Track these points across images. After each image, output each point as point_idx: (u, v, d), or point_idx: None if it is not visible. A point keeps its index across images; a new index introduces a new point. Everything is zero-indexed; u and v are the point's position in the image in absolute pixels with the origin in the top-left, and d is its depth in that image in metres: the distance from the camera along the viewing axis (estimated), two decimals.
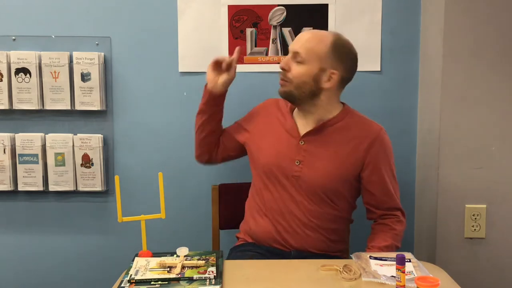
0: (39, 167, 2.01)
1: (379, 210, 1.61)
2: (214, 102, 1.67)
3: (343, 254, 1.64)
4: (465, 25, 1.75)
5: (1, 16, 2.00)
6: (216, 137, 1.72)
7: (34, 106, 1.98)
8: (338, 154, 1.55)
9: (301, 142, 1.56)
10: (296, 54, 1.52)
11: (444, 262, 1.76)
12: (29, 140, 2.00)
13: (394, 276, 1.16)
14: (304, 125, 1.59)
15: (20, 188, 2.03)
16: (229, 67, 1.63)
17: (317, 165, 1.54)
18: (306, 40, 1.53)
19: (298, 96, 1.54)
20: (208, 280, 1.21)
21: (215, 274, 1.23)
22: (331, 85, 1.54)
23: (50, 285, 2.12)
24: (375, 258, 1.34)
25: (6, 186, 2.02)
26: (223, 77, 1.64)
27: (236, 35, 1.99)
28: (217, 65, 1.64)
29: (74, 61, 1.96)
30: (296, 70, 1.52)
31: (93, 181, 2.03)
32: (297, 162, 1.55)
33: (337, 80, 1.54)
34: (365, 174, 1.57)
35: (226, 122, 1.77)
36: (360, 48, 1.97)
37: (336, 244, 1.61)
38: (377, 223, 1.63)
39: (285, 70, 1.54)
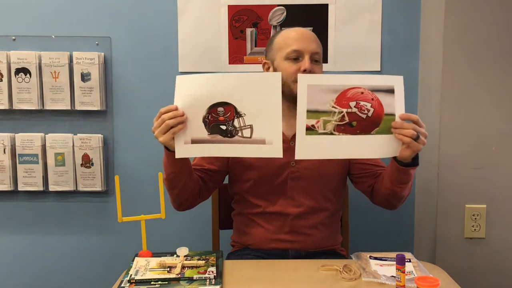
0: (39, 167, 2.02)
1: (372, 179, 1.57)
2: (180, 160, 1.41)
3: (339, 247, 1.65)
4: (465, 25, 1.75)
5: (1, 16, 2.00)
6: (194, 184, 1.52)
7: (34, 106, 1.98)
8: None
9: (292, 143, 1.51)
10: (316, 54, 1.52)
11: (444, 262, 1.76)
12: (29, 140, 2.00)
13: (394, 276, 1.16)
14: (289, 126, 1.51)
15: (20, 188, 2.03)
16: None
17: (313, 159, 1.49)
18: (314, 39, 1.54)
19: None
20: (208, 280, 1.21)
21: (215, 274, 1.23)
22: None
23: (50, 285, 2.12)
24: (375, 258, 1.34)
25: (6, 186, 2.02)
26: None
27: (236, 35, 1.99)
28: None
29: (74, 61, 1.96)
30: (318, 69, 1.53)
31: (93, 181, 2.03)
32: (293, 163, 1.54)
33: None
34: None
35: None
36: (360, 48, 1.98)
37: (331, 238, 1.61)
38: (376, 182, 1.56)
39: (311, 72, 1.49)
